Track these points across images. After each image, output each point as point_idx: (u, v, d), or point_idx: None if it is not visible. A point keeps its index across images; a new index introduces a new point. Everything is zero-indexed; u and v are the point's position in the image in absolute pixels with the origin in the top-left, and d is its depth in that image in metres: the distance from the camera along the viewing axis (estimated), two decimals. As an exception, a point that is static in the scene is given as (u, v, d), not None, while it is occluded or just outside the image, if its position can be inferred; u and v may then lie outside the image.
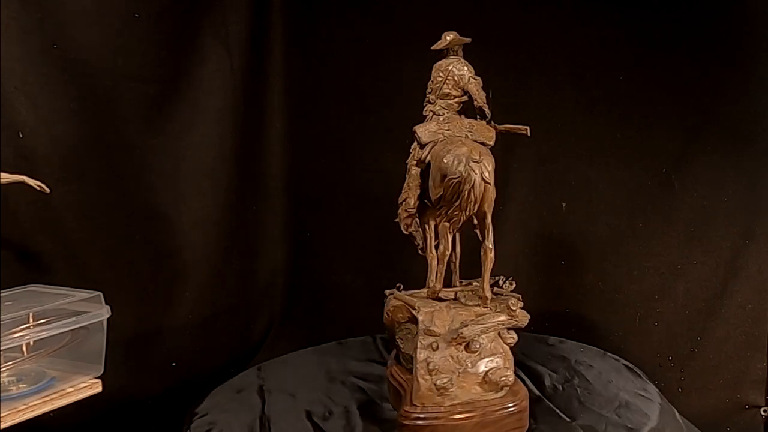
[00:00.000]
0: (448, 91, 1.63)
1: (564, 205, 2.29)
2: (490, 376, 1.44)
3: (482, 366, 1.46)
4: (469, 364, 1.46)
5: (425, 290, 1.64)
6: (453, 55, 1.65)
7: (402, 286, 1.68)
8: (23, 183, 1.51)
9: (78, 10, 1.80)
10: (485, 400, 1.45)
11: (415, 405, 1.44)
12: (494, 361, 1.46)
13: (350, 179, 2.45)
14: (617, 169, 2.23)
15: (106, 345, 1.44)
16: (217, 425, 1.62)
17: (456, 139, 1.52)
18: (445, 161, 1.46)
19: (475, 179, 1.44)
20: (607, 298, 2.27)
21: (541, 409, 1.61)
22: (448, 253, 1.60)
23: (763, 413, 2.18)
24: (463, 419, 1.42)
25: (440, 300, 1.62)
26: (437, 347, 1.47)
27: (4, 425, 1.26)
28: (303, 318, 2.50)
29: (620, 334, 2.25)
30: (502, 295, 1.63)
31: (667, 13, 2.12)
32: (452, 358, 1.46)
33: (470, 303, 1.57)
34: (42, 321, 1.35)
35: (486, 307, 1.54)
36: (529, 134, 1.65)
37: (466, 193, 1.45)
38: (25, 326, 1.33)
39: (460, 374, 1.45)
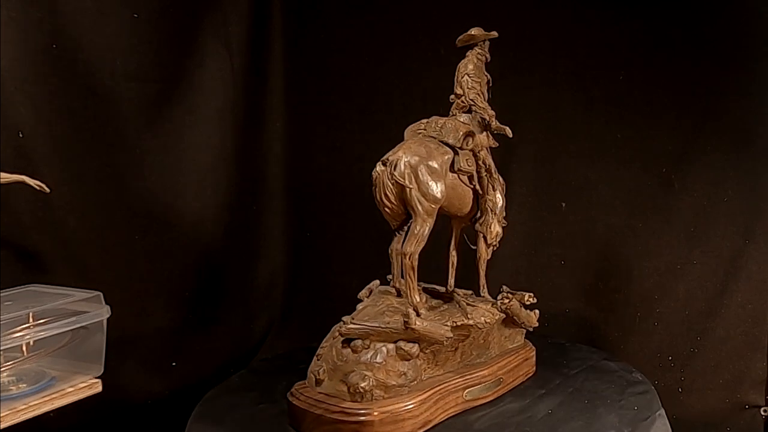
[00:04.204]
0: (456, 89, 1.66)
1: (564, 205, 2.29)
2: (350, 379, 1.41)
3: (351, 368, 1.43)
4: (343, 362, 1.44)
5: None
6: (472, 51, 1.67)
7: (391, 278, 1.68)
8: (23, 183, 1.51)
9: (78, 10, 1.81)
10: (336, 398, 1.42)
11: (303, 384, 1.48)
12: (361, 367, 1.42)
13: (350, 179, 2.44)
14: (617, 169, 2.23)
15: (106, 345, 1.44)
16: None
17: (410, 140, 1.55)
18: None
19: (376, 179, 1.49)
20: (607, 298, 2.27)
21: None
22: (391, 251, 1.57)
23: (763, 413, 2.18)
24: (308, 407, 1.42)
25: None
26: (337, 337, 1.47)
27: (4, 425, 1.26)
28: (303, 318, 2.50)
29: (620, 334, 2.24)
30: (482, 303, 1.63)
31: (667, 13, 2.12)
32: (336, 351, 1.45)
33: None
34: (42, 321, 1.35)
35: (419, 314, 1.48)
36: (510, 135, 1.68)
37: (374, 192, 1.50)
38: (25, 326, 1.33)
39: (333, 369, 1.44)
